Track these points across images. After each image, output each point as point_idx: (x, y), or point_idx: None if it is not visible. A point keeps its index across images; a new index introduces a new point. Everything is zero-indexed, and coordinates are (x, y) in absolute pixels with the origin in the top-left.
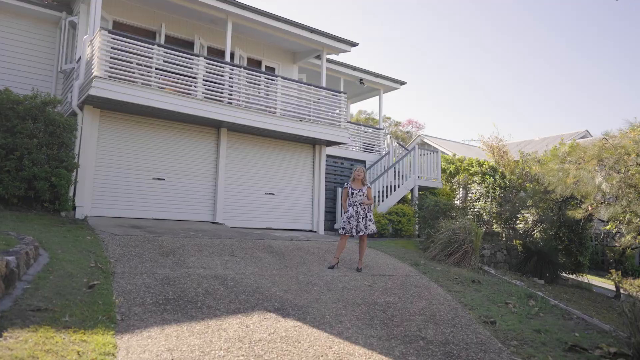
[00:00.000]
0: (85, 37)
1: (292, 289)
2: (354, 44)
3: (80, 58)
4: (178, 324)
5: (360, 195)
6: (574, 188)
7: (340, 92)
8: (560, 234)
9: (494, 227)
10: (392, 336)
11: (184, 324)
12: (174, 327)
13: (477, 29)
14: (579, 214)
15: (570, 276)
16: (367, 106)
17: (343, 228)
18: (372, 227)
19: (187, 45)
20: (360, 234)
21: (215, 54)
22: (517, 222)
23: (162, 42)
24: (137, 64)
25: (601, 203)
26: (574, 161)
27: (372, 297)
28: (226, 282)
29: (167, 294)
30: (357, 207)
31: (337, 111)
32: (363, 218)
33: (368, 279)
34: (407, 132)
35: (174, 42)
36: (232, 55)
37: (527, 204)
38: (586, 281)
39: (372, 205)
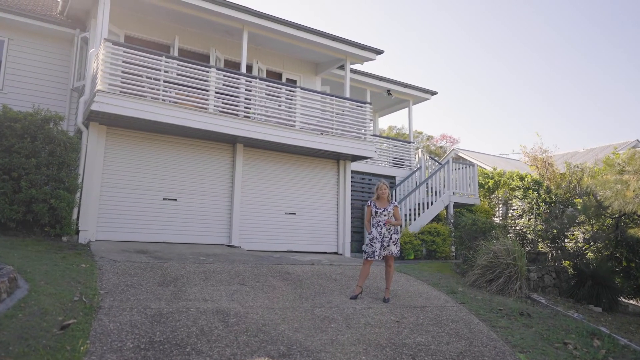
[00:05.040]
0: (91, 50)
1: (305, 327)
2: (379, 52)
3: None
4: None
5: (385, 215)
6: (635, 202)
7: (365, 103)
8: (617, 254)
9: (540, 246)
10: None
11: None
12: None
13: (510, 38)
14: None
15: (630, 302)
16: (397, 121)
17: (365, 252)
18: (394, 250)
19: (202, 59)
20: (385, 253)
21: (233, 67)
22: (566, 240)
23: (176, 55)
24: (147, 77)
25: None
26: (633, 171)
27: (399, 337)
28: (227, 319)
29: (153, 335)
30: (382, 228)
31: (363, 123)
32: (388, 240)
33: (396, 312)
34: (441, 147)
35: (188, 56)
36: (250, 68)
37: (578, 221)
38: None
39: (402, 226)
